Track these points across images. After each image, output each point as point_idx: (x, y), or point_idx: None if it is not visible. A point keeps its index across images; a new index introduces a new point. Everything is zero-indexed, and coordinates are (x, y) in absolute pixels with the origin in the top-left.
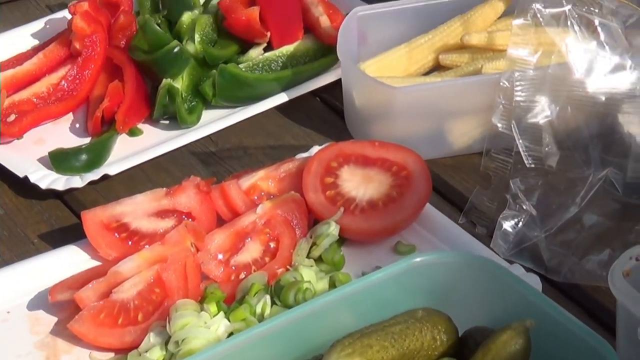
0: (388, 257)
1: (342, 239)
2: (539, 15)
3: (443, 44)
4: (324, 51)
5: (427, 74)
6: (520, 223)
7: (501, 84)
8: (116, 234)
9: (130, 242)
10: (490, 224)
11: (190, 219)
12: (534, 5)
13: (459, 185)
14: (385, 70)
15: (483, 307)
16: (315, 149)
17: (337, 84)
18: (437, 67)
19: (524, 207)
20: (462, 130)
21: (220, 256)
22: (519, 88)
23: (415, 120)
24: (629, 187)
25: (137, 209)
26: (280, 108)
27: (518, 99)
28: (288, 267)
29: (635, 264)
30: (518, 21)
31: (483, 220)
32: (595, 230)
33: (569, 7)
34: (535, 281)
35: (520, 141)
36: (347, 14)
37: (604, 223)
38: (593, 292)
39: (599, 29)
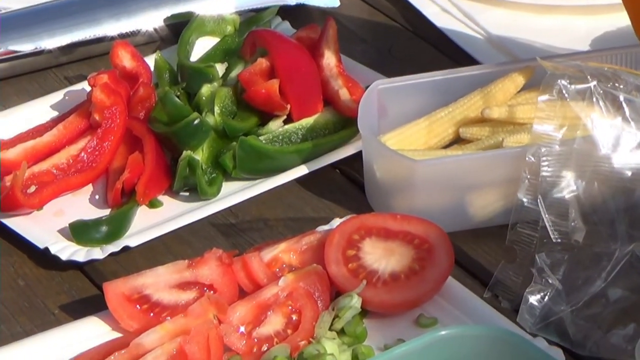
0: (410, 330)
1: (365, 312)
2: (564, 92)
3: (463, 117)
4: (344, 124)
5: (447, 147)
6: (547, 297)
7: (527, 158)
8: (138, 306)
9: (152, 314)
10: (515, 298)
11: (212, 291)
12: (559, 81)
13: (481, 258)
14: (405, 143)
15: None
16: (337, 221)
17: (357, 156)
18: (457, 140)
19: (550, 282)
20: (484, 203)
21: (242, 328)
22: (545, 163)
23: (436, 193)
24: None
25: (158, 281)
26: (300, 180)
27: (544, 174)
28: (310, 339)
29: None
30: (543, 97)
31: (508, 295)
32: (621, 305)
33: (594, 83)
34: (559, 354)
35: (547, 216)
36: (366, 87)
37: (629, 297)
38: None
39: (623, 104)
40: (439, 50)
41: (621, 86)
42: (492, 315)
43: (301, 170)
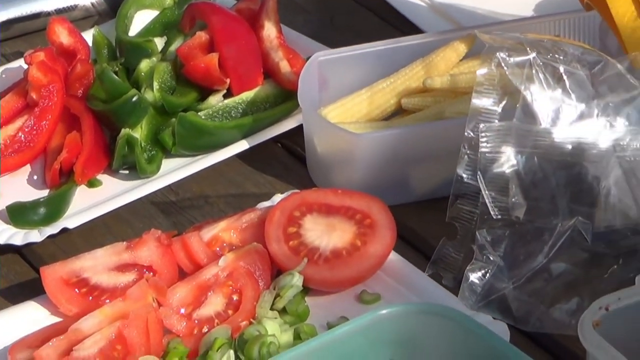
0: (353, 306)
1: (307, 289)
2: (503, 64)
3: (405, 88)
4: (285, 97)
5: (389, 118)
6: (488, 274)
7: (466, 134)
8: (76, 290)
9: (90, 298)
10: (457, 275)
11: (151, 273)
12: (498, 54)
13: (424, 232)
14: (347, 115)
15: (451, 358)
16: (278, 197)
17: (299, 129)
18: (400, 111)
19: (491, 258)
20: (426, 175)
21: (182, 310)
22: (484, 138)
23: (378, 166)
24: (597, 236)
25: (97, 264)
26: (241, 156)
27: (483, 149)
28: (252, 320)
29: (604, 314)
30: (482, 70)
31: (450, 272)
32: (564, 279)
33: (534, 55)
34: (503, 329)
35: (487, 192)
36: (307, 59)
37: (572, 272)
38: (562, 339)
39: (564, 76)
40: (381, 18)
41: (561, 57)
42: (436, 291)
43: (242, 146)
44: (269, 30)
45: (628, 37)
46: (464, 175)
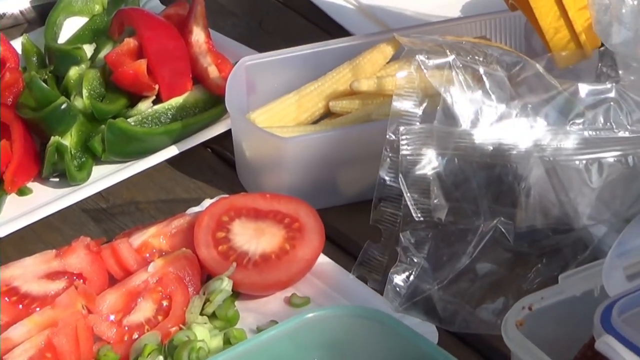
0: (283, 310)
1: (237, 294)
2: (422, 67)
3: (333, 91)
4: (214, 101)
5: (317, 121)
6: (412, 276)
7: (387, 137)
8: (6, 298)
9: (20, 306)
10: (382, 278)
11: (81, 280)
12: (417, 56)
13: (353, 235)
14: (275, 120)
15: None
16: (207, 202)
17: (229, 134)
18: (328, 114)
19: (415, 260)
20: (355, 178)
21: (112, 317)
22: (404, 141)
23: (306, 170)
24: (519, 236)
25: (26, 272)
26: (171, 161)
27: (404, 152)
28: (181, 325)
29: (528, 313)
30: (402, 73)
31: (375, 274)
32: (489, 279)
33: (453, 57)
34: (431, 330)
35: (409, 194)
36: (235, 63)
37: (497, 272)
38: (491, 338)
39: (484, 78)
40: (310, 21)
41: (481, 59)
42: (365, 293)
43: (172, 151)
44: (198, 35)
45: (551, 36)
46: (387, 178)
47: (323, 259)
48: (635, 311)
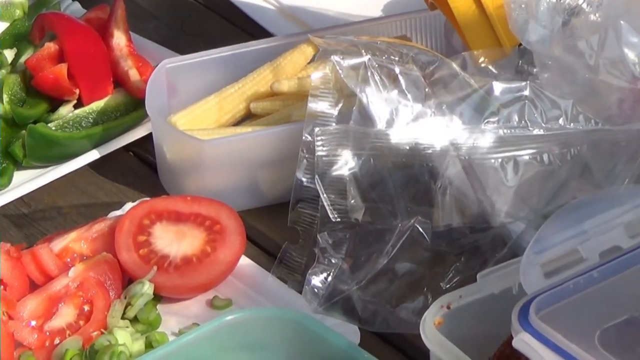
0: (205, 313)
1: (159, 297)
2: (337, 67)
3: (254, 92)
4: (136, 105)
5: (239, 123)
6: (330, 277)
7: (303, 138)
8: None
9: None
10: (302, 279)
11: (1, 286)
12: (332, 57)
13: (275, 236)
14: (196, 122)
15: None
16: (129, 205)
17: (150, 137)
18: (250, 116)
19: (333, 261)
20: (276, 179)
21: (33, 323)
22: (320, 142)
23: (227, 172)
24: (436, 235)
25: None
26: (93, 165)
27: (320, 153)
28: (103, 330)
29: (446, 312)
30: (317, 75)
31: (294, 276)
32: (408, 279)
33: (368, 57)
34: (352, 330)
35: (325, 195)
36: (156, 66)
37: (416, 271)
38: (413, 338)
39: (400, 77)
40: (232, 23)
41: (396, 58)
42: (287, 295)
43: (93, 155)
44: (118, 38)
45: (470, 34)
46: (304, 180)
47: (245, 260)
48: (552, 308)
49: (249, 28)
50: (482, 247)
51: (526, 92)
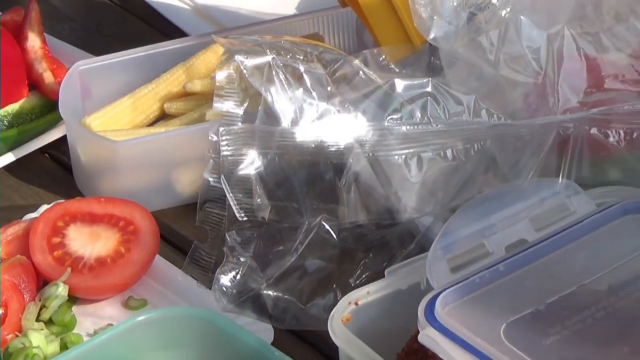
0: (120, 313)
1: (74, 299)
2: (242, 67)
3: (167, 93)
4: (51, 107)
5: (154, 123)
6: (239, 275)
7: (209, 137)
8: None
9: None
10: (212, 278)
11: None
12: (236, 57)
13: (190, 235)
14: (110, 123)
15: None
16: (44, 208)
17: (65, 139)
18: (164, 116)
19: (242, 259)
20: (189, 179)
21: None
22: (225, 142)
23: (141, 172)
24: (343, 232)
25: None
26: (8, 168)
27: (225, 153)
28: (17, 332)
29: (354, 308)
30: (221, 74)
31: (204, 275)
32: (318, 276)
33: (272, 56)
34: (266, 328)
35: (231, 195)
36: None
37: (325, 268)
38: (326, 335)
39: (304, 76)
40: (148, 24)
41: (301, 57)
42: (201, 293)
43: (8, 158)
44: (33, 41)
45: (379, 30)
46: (210, 179)
47: (159, 260)
48: (458, 303)
49: (165, 28)
50: (390, 242)
51: (428, 89)
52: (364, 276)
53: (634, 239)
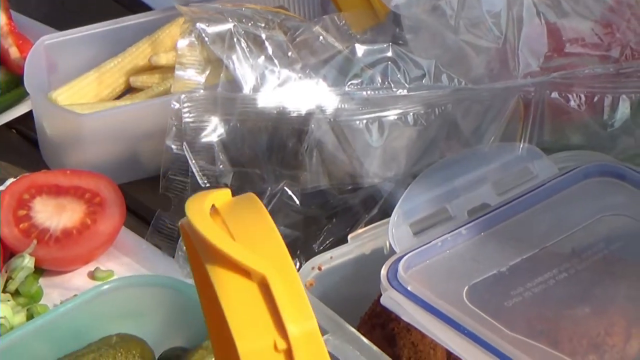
0: (87, 284)
1: (40, 271)
2: (203, 35)
3: (133, 66)
4: (17, 83)
5: (120, 97)
6: None
7: (172, 105)
8: None
9: None
10: (175, 246)
11: None
12: (197, 25)
13: (155, 206)
14: (76, 98)
15: (177, 328)
16: (10, 182)
17: (32, 114)
18: (131, 90)
19: None
20: (155, 151)
21: None
22: (186, 109)
23: (106, 145)
24: (305, 197)
25: None
26: None
27: (187, 120)
28: None
29: (318, 273)
30: (182, 42)
31: (167, 243)
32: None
33: (234, 24)
34: None
35: (193, 162)
36: None
37: (289, 234)
38: None
39: (266, 43)
40: None
41: (262, 25)
42: (165, 262)
43: None
44: None
45: (343, 1)
46: (173, 147)
47: (126, 231)
48: (421, 266)
49: (129, 3)
50: (353, 208)
51: (389, 54)
52: (327, 242)
53: (595, 202)
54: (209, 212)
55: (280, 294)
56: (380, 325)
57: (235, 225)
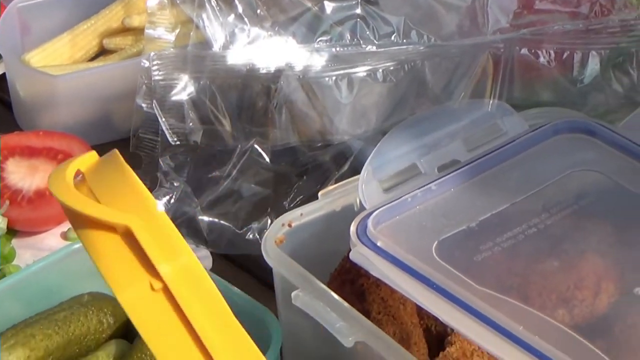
0: (60, 245)
1: (13, 232)
2: None
3: (107, 28)
4: None
5: (94, 59)
6: (173, 199)
7: (142, 63)
8: None
9: None
10: None
11: None
12: None
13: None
14: (50, 60)
15: None
16: None
17: (4, 77)
18: (104, 52)
19: (175, 184)
20: (128, 113)
21: None
22: (156, 66)
23: (79, 106)
24: (276, 154)
25: None
26: None
27: (157, 78)
28: None
29: (288, 230)
30: (152, 1)
31: None
32: (252, 200)
33: None
34: (205, 255)
35: (164, 119)
36: None
37: (260, 192)
38: (259, 259)
39: (235, 1)
40: None
41: None
42: None
43: None
44: None
45: None
46: (143, 105)
47: None
48: (390, 222)
49: None
50: (323, 165)
51: (358, 11)
52: (298, 199)
53: (565, 158)
54: (72, 179)
55: (145, 239)
56: (349, 281)
57: (99, 187)
